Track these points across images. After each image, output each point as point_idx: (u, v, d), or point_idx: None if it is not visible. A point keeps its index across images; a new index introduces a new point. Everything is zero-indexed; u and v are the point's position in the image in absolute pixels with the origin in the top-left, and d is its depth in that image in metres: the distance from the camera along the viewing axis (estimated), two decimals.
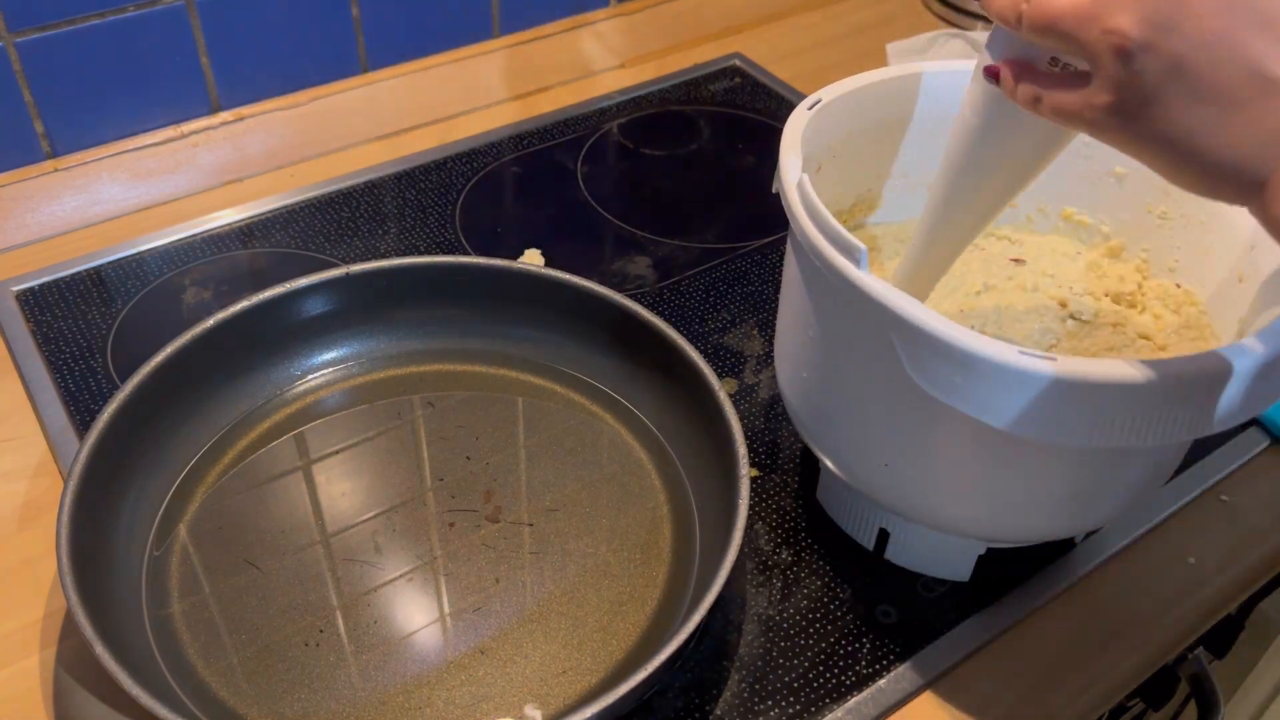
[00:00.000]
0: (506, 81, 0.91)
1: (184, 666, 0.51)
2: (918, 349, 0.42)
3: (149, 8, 0.75)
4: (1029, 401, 0.40)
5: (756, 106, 0.91)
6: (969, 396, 0.42)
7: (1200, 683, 0.62)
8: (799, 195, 0.47)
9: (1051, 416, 0.41)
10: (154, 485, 0.57)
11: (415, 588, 0.54)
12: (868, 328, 0.45)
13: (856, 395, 0.49)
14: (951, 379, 0.42)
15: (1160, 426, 0.40)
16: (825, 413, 0.52)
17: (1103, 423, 0.40)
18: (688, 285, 0.73)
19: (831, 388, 0.50)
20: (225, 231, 0.76)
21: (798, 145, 0.49)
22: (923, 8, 1.05)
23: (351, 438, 0.61)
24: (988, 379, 0.41)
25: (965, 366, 0.41)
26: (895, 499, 0.51)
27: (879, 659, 0.53)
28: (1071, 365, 0.40)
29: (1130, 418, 0.40)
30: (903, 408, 0.46)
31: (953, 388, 0.42)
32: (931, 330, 0.41)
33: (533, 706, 0.50)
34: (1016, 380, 0.40)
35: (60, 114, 0.76)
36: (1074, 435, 0.41)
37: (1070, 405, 0.40)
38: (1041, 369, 0.40)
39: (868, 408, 0.48)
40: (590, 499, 0.58)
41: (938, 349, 0.41)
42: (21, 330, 0.68)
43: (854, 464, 0.51)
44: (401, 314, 0.65)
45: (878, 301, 0.43)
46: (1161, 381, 0.39)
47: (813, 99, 0.52)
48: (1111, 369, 0.39)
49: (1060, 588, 0.56)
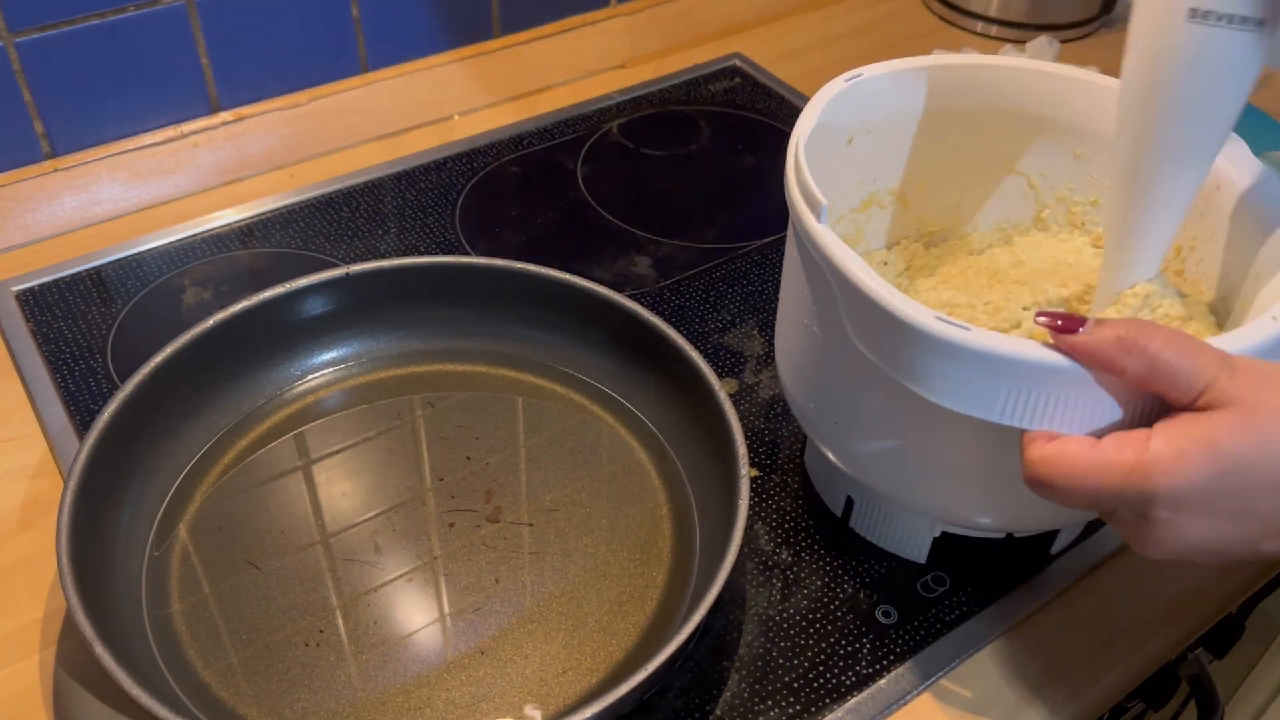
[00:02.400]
0: (506, 81, 0.91)
1: (184, 666, 0.51)
2: (853, 305, 0.44)
3: (149, 8, 0.75)
4: (945, 369, 0.41)
5: (756, 106, 0.91)
6: (896, 359, 0.43)
7: (1200, 683, 0.62)
8: (793, 152, 0.48)
9: (964, 387, 0.41)
10: (154, 485, 0.57)
11: (415, 588, 0.54)
12: (823, 284, 0.46)
13: (818, 354, 0.50)
14: (880, 339, 0.43)
15: (1076, 412, 0.40)
16: (796, 369, 0.53)
17: (1014, 400, 0.41)
18: (688, 285, 0.73)
19: (801, 345, 0.51)
20: (225, 231, 0.76)
21: (816, 110, 0.51)
22: (923, 8, 1.05)
23: (351, 438, 0.61)
24: (908, 342, 0.42)
25: (891, 327, 0.42)
26: (848, 463, 0.52)
27: (879, 659, 0.53)
28: (983, 337, 0.40)
29: (1038, 397, 0.40)
30: (850, 368, 0.47)
31: (881, 348, 0.44)
32: (865, 289, 0.43)
33: (533, 706, 0.50)
34: (933, 346, 0.41)
35: (60, 114, 0.76)
36: (983, 409, 0.42)
37: (979, 376, 0.41)
38: (954, 336, 0.41)
39: (824, 364, 0.50)
40: (590, 499, 0.58)
41: (869, 307, 0.43)
42: (21, 330, 0.68)
43: (816, 422, 0.53)
44: (401, 314, 0.65)
45: (824, 253, 0.45)
46: (1071, 365, 0.39)
47: (854, 73, 0.53)
48: (1022, 346, 0.40)
49: (1060, 587, 0.56)
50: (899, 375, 0.43)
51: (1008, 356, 0.40)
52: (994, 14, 1.00)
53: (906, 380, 0.43)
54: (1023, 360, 0.40)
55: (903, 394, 0.44)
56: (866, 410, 0.49)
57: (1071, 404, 0.40)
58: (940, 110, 0.56)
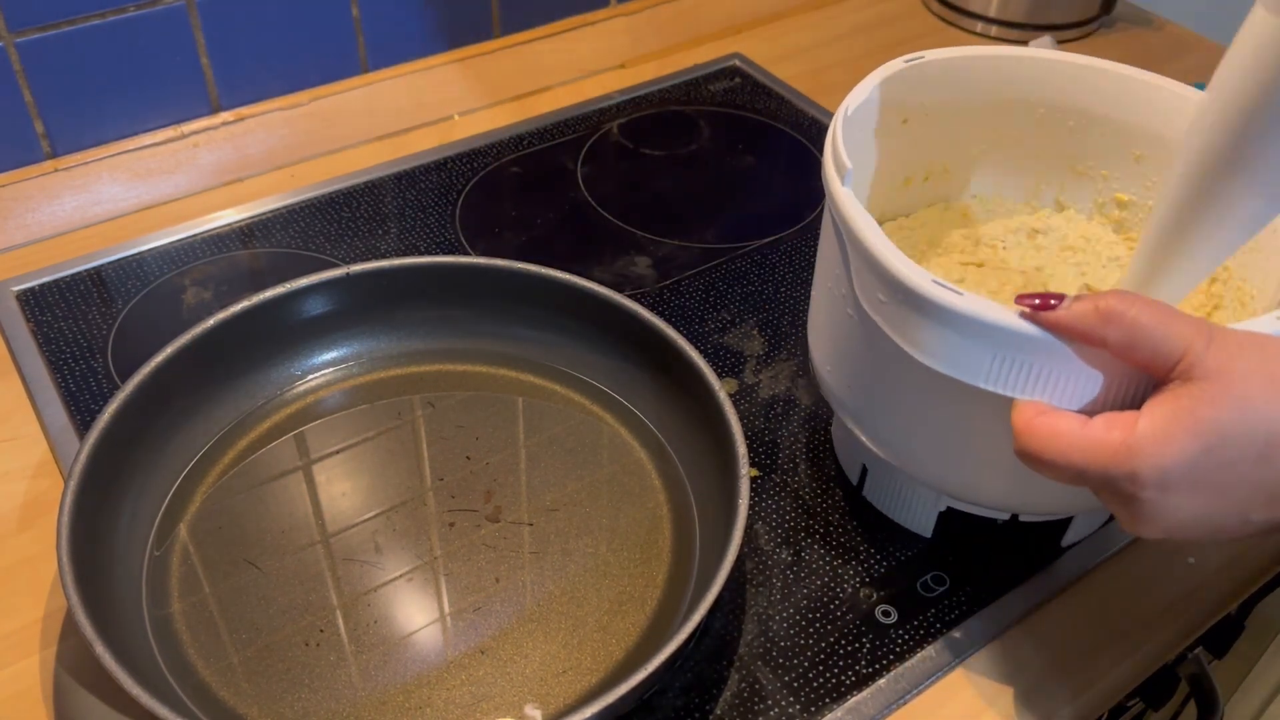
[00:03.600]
0: (506, 81, 0.91)
1: (184, 666, 0.51)
2: (862, 265, 0.45)
3: (149, 8, 0.75)
4: (936, 331, 0.42)
5: (756, 106, 0.91)
6: (893, 319, 0.44)
7: (1200, 683, 0.62)
8: (835, 123, 0.49)
9: (952, 350, 0.42)
10: (154, 485, 0.57)
11: (415, 587, 0.54)
12: (841, 245, 0.47)
13: (837, 317, 0.50)
14: (879, 298, 0.44)
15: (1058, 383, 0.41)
16: (821, 333, 0.53)
17: (998, 366, 0.41)
18: (688, 285, 0.73)
19: (824, 308, 0.52)
20: (225, 231, 0.76)
21: (869, 85, 0.52)
22: (922, 8, 1.05)
23: (351, 438, 0.61)
24: (905, 303, 0.43)
25: (891, 289, 0.44)
26: (859, 426, 0.53)
27: (879, 659, 0.53)
28: (971, 302, 0.41)
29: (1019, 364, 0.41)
30: (861, 331, 0.48)
31: (882, 308, 0.45)
32: (870, 247, 0.44)
33: (533, 706, 0.50)
34: (925, 307, 0.42)
35: (60, 114, 0.76)
36: (969, 372, 0.42)
37: (966, 341, 0.42)
38: (945, 299, 0.42)
39: (840, 327, 0.50)
40: (590, 499, 0.58)
41: (872, 265, 0.44)
42: (21, 330, 0.68)
43: (836, 386, 0.53)
44: (401, 314, 0.65)
45: (841, 213, 0.46)
46: None
47: (915, 55, 0.54)
48: (1008, 314, 0.41)
49: (1060, 587, 0.56)
50: (894, 335, 0.44)
51: (993, 322, 0.41)
52: (994, 14, 1.00)
53: (900, 340, 0.44)
54: (1007, 327, 0.41)
55: (905, 362, 0.45)
56: (876, 376, 0.50)
57: (1056, 375, 0.41)
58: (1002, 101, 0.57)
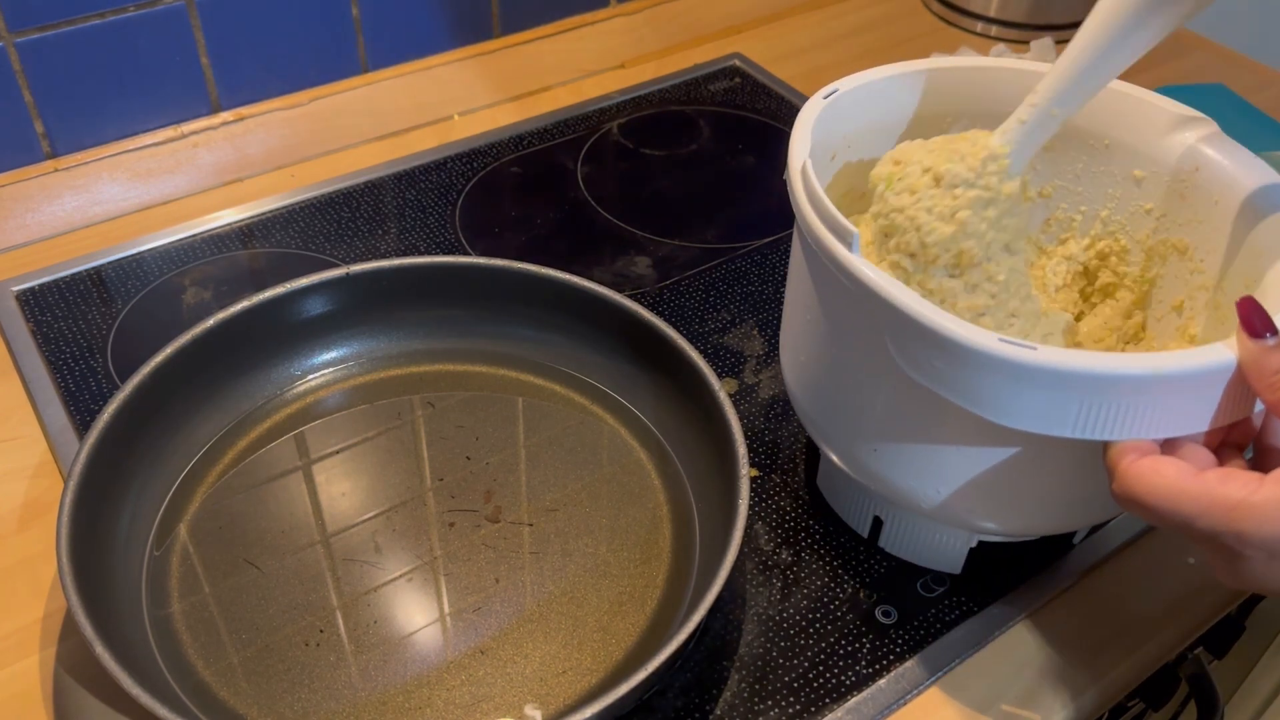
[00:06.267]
0: (506, 81, 0.91)
1: (184, 666, 0.51)
2: (903, 333, 0.43)
3: (149, 8, 0.75)
4: (1010, 389, 0.41)
5: (756, 106, 0.91)
6: (953, 383, 0.42)
7: (1200, 683, 0.62)
8: (800, 179, 0.47)
9: (1032, 406, 0.41)
10: (154, 485, 0.57)
11: (415, 588, 0.54)
12: (859, 312, 0.45)
13: (853, 380, 0.49)
14: (935, 365, 0.42)
15: (1148, 419, 0.40)
16: (823, 397, 0.52)
17: (1085, 414, 0.40)
18: (688, 285, 0.73)
19: (828, 372, 0.50)
20: (225, 231, 0.76)
21: (808, 131, 0.49)
22: (923, 8, 1.05)
23: (351, 438, 0.61)
24: (969, 366, 0.41)
25: (947, 352, 0.41)
26: (887, 487, 0.51)
27: (879, 659, 0.53)
28: (1051, 355, 0.40)
29: (1109, 409, 0.40)
30: (894, 392, 0.46)
31: (936, 374, 0.42)
32: (915, 315, 0.41)
33: (533, 706, 0.50)
34: (997, 367, 0.40)
35: (60, 114, 0.76)
36: (1055, 425, 0.41)
37: (1047, 395, 0.40)
38: (1021, 357, 0.40)
39: (861, 392, 0.49)
40: (590, 499, 0.58)
41: (921, 334, 0.42)
42: (21, 330, 0.68)
43: (849, 449, 0.51)
44: (401, 314, 0.65)
45: (865, 285, 0.43)
46: (1148, 375, 0.39)
47: (830, 88, 0.52)
48: (1093, 360, 0.39)
49: (1060, 587, 0.56)
50: (956, 398, 0.42)
51: (1079, 372, 0.39)
52: (994, 14, 1.00)
53: (965, 403, 0.42)
54: (1097, 374, 0.39)
55: (961, 419, 0.43)
56: (916, 436, 0.48)
57: (1152, 413, 0.40)
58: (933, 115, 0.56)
